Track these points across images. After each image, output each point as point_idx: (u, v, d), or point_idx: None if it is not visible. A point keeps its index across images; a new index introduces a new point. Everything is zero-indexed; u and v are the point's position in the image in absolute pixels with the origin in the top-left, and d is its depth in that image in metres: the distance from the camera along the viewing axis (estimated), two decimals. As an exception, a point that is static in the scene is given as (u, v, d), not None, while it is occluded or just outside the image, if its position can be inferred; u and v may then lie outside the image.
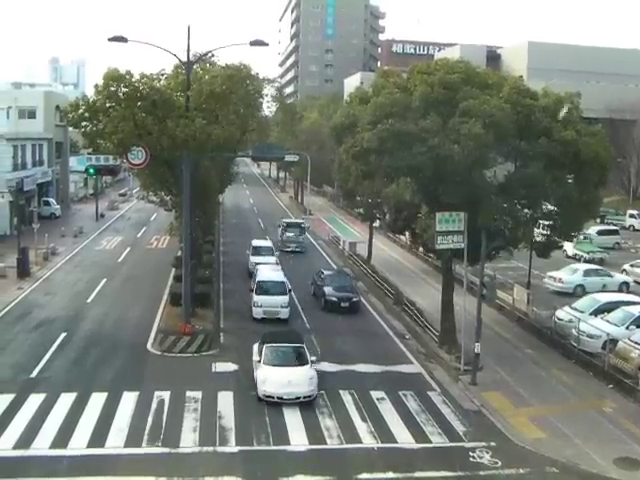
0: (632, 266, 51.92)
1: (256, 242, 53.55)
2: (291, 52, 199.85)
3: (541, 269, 47.31)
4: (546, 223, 34.15)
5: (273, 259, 48.95)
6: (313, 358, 28.74)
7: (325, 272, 45.25)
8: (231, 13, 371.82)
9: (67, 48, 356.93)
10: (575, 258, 54.96)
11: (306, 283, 45.74)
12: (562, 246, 45.10)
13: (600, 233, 63.52)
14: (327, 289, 41.65)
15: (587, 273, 47.13)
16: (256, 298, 38.22)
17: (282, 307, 37.90)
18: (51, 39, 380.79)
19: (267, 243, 54.19)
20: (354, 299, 41.38)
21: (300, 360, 28.06)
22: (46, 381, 28.50)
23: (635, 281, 48.92)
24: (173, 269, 46.42)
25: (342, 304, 40.69)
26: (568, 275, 46.82)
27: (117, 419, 24.91)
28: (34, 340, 33.79)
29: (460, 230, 30.58)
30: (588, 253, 56.63)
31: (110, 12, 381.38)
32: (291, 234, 61.14)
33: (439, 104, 30.44)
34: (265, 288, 38.74)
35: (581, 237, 54.39)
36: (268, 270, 42.42)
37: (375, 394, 28.16)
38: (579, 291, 44.47)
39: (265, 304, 37.86)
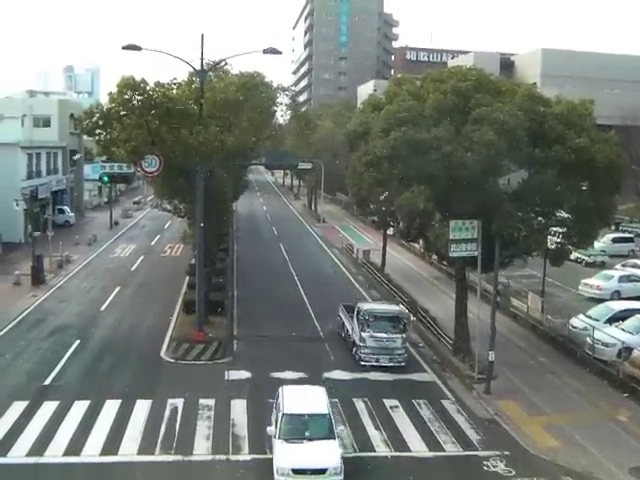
0: (623, 265, 53.21)
1: (291, 395, 23.81)
2: (305, 60, 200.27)
3: (555, 277, 47.10)
4: (560, 231, 33.99)
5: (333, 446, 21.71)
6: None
7: None
8: (245, 21, 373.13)
9: (81, 56, 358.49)
10: (577, 262, 55.14)
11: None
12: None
13: (615, 241, 63.31)
14: None
15: (621, 279, 47.84)
16: None
17: None
18: (65, 47, 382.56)
19: (317, 398, 23.71)
20: None
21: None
22: (60, 388, 28.61)
23: None
24: (187, 277, 46.53)
25: None
26: (604, 282, 47.19)
27: (130, 427, 24.96)
28: (48, 347, 33.93)
29: (474, 238, 30.49)
30: (589, 256, 57.10)
31: (124, 20, 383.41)
32: (382, 334, 32.70)
33: (452, 111, 30.42)
34: None
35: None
36: None
37: (388, 402, 28.07)
38: (615, 297, 44.91)
39: None
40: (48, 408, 26.35)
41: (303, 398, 23.67)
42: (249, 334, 37.07)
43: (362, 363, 32.58)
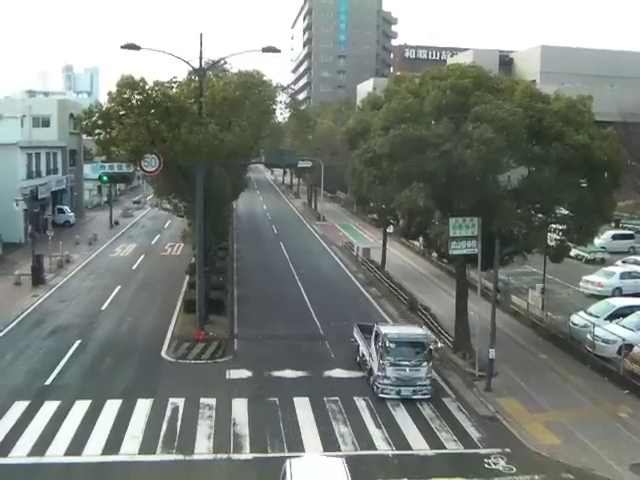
0: (624, 262, 53.21)
1: (302, 477, 17.21)
2: (304, 59, 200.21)
3: (555, 274, 47.10)
4: (560, 228, 33.98)
5: None
6: None
7: None
8: (243, 20, 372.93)
9: (81, 56, 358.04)
10: (577, 258, 55.10)
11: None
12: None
13: (615, 237, 63.28)
14: None
15: (622, 276, 47.83)
16: None
17: None
18: (65, 47, 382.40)
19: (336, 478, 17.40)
20: None
21: None
22: (61, 388, 28.61)
23: None
24: (187, 276, 46.53)
25: None
26: (605, 279, 47.30)
27: (131, 426, 24.95)
28: (49, 347, 33.94)
29: (474, 235, 30.51)
30: (589, 253, 57.11)
31: (123, 20, 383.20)
32: (405, 362, 28.38)
33: (451, 109, 30.40)
34: None
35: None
36: None
37: (389, 400, 28.06)
38: (617, 293, 45.02)
39: None
40: (49, 408, 26.36)
41: None
42: (250, 333, 37.09)
43: (381, 396, 28.27)
